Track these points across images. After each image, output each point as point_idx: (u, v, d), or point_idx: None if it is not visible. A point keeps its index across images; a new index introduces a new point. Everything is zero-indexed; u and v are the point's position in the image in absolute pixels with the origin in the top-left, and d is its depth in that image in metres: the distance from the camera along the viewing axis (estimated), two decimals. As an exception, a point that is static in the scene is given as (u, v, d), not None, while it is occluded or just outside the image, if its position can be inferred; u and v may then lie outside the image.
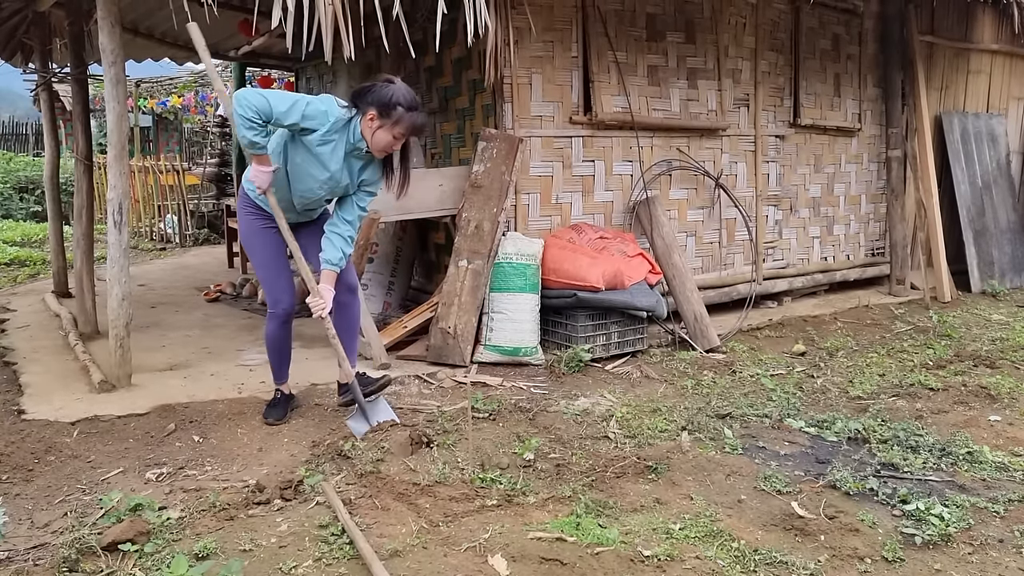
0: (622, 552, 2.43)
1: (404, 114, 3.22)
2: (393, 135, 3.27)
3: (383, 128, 3.25)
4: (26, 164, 15.43)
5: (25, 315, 6.15)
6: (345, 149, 3.34)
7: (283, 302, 3.57)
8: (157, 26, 7.16)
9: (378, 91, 3.24)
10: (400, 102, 3.21)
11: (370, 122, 3.25)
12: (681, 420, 3.72)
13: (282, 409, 3.74)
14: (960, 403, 4.06)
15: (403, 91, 3.25)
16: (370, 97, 3.24)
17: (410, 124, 3.25)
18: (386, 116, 3.22)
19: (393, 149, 3.37)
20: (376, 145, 3.30)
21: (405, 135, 3.30)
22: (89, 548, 2.43)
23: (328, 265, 3.41)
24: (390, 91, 3.23)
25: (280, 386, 3.80)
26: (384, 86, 3.25)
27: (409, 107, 3.23)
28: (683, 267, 5.34)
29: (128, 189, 4.23)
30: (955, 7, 7.44)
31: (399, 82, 3.29)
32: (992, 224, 7.69)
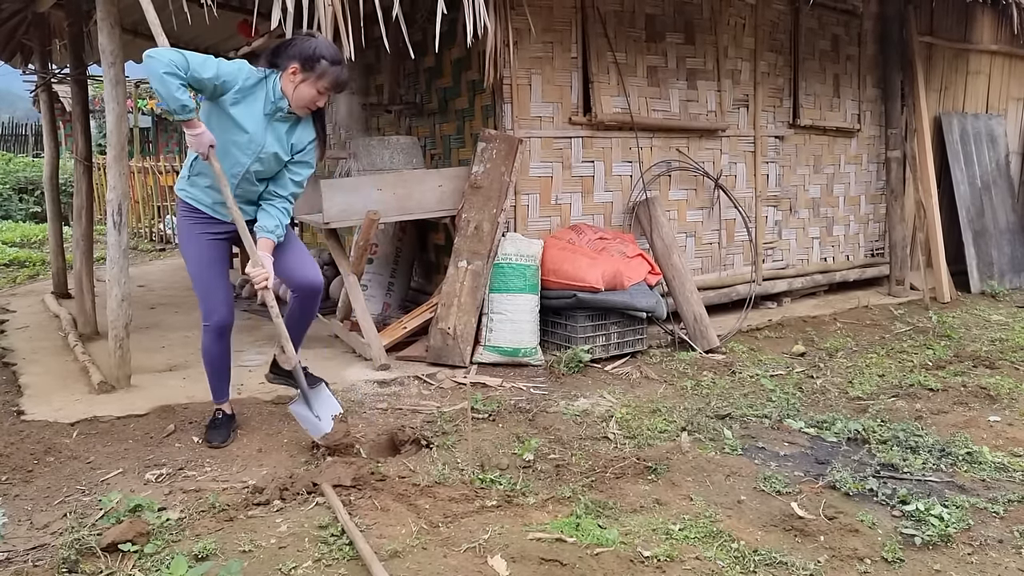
0: (622, 553, 2.43)
1: (328, 67, 3.08)
2: (317, 89, 3.12)
3: (306, 82, 3.10)
4: (25, 165, 15.43)
5: (24, 316, 6.15)
6: (265, 110, 3.16)
7: (217, 313, 3.31)
8: (157, 27, 7.15)
9: (300, 44, 3.11)
10: (324, 55, 3.08)
11: (292, 76, 3.10)
12: (681, 421, 3.73)
13: (225, 430, 3.46)
14: (960, 404, 4.06)
15: (326, 44, 3.13)
16: (291, 51, 3.10)
17: (334, 78, 3.11)
18: (309, 69, 3.08)
19: (317, 106, 3.21)
20: (298, 101, 3.14)
21: (329, 89, 3.15)
22: (89, 549, 2.43)
23: (264, 232, 3.22)
24: (312, 44, 3.10)
25: (220, 405, 3.53)
26: (306, 39, 3.13)
27: (333, 60, 3.10)
28: (683, 268, 5.34)
29: (127, 190, 4.23)
30: (954, 8, 7.44)
31: (321, 36, 3.18)
32: (991, 225, 7.70)
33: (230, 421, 3.53)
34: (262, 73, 3.15)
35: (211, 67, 3.02)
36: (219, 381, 3.50)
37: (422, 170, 5.32)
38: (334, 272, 6.51)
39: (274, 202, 3.29)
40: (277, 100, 3.15)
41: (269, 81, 3.15)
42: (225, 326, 3.35)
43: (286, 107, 3.17)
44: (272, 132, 3.21)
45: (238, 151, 3.18)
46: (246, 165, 3.22)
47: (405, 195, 4.92)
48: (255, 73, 3.14)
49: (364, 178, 5.01)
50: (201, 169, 3.25)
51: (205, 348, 3.41)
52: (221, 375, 3.49)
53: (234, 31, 7.04)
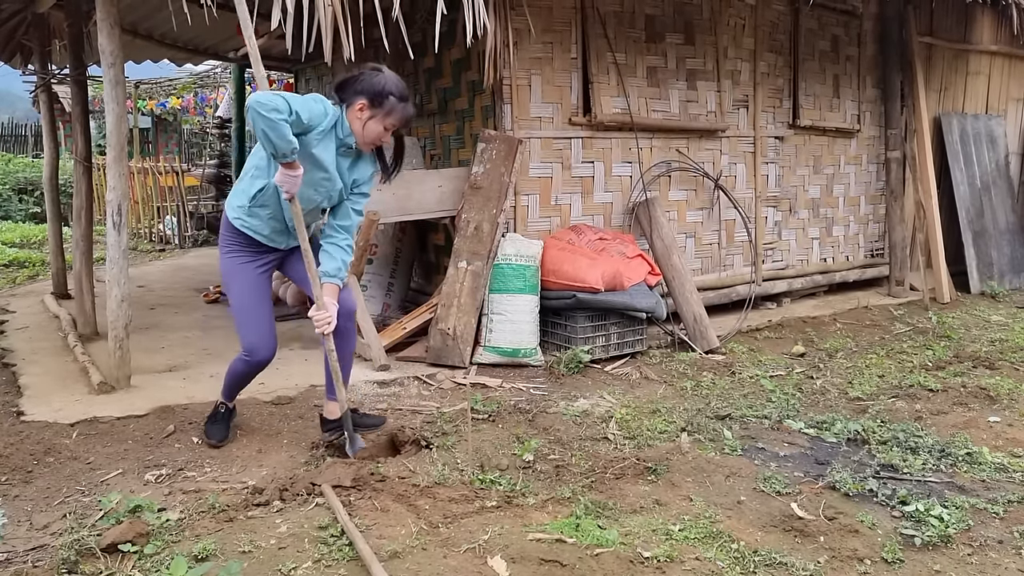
0: (622, 553, 2.43)
1: (396, 104, 3.03)
2: (384, 126, 3.06)
3: (374, 119, 3.04)
4: (25, 165, 15.42)
5: (24, 316, 6.15)
6: (335, 146, 3.11)
7: (260, 352, 3.23)
8: (156, 27, 7.16)
9: (368, 79, 3.04)
10: (392, 91, 3.02)
11: (359, 113, 3.04)
12: (681, 421, 3.73)
13: (224, 426, 3.45)
14: (959, 404, 4.06)
15: (394, 80, 3.06)
16: (359, 86, 3.04)
17: (402, 115, 3.06)
18: (378, 106, 3.02)
19: (383, 142, 3.16)
20: (367, 137, 3.09)
21: (396, 126, 3.09)
22: (88, 549, 2.43)
23: (328, 278, 3.14)
24: (381, 80, 3.04)
25: (224, 401, 3.50)
26: (374, 74, 3.05)
27: (401, 97, 3.05)
28: (682, 268, 5.34)
29: (127, 190, 4.23)
30: (954, 8, 7.44)
31: (387, 70, 3.10)
32: (991, 225, 7.70)
33: (230, 417, 3.52)
34: (335, 110, 3.08)
35: (307, 109, 2.94)
36: (233, 391, 3.49)
37: (422, 171, 5.32)
38: (334, 272, 6.50)
39: (336, 239, 3.20)
40: (345, 137, 3.09)
41: (339, 118, 3.08)
42: (266, 364, 3.29)
43: (353, 143, 3.11)
44: (340, 167, 3.16)
45: (313, 189, 3.11)
46: (318, 202, 3.18)
47: (405, 195, 4.92)
48: (332, 110, 3.07)
49: (364, 179, 5.00)
50: (265, 202, 3.15)
51: (235, 372, 3.36)
52: (237, 388, 3.49)
53: (234, 32, 7.04)
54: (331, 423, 3.38)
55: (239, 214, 3.20)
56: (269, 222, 3.20)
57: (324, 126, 3.03)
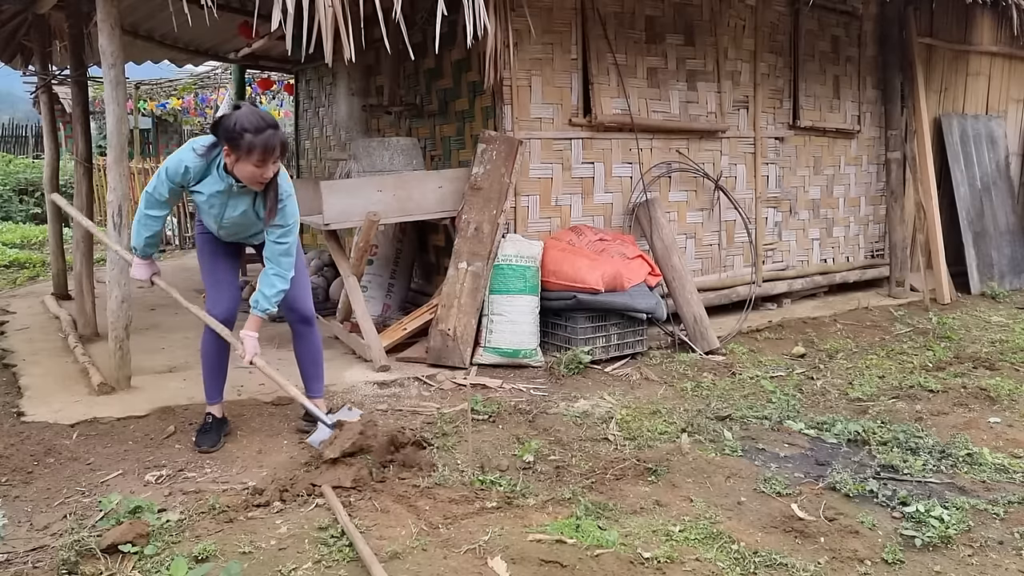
0: (622, 554, 2.43)
1: (253, 139, 2.93)
2: (253, 164, 2.99)
3: (240, 161, 3.00)
4: (26, 166, 15.42)
5: (25, 317, 6.15)
6: (219, 187, 3.17)
7: (220, 305, 3.37)
8: (157, 28, 7.17)
9: (224, 123, 3.00)
10: (245, 127, 2.93)
11: (228, 157, 3.05)
12: (681, 422, 3.72)
13: (215, 435, 3.41)
14: (960, 405, 4.06)
15: (245, 115, 2.97)
16: (220, 132, 3.03)
17: (263, 147, 2.95)
18: (237, 148, 2.97)
19: (265, 179, 3.06)
20: (246, 180, 3.07)
21: (265, 161, 2.99)
22: (88, 550, 2.43)
23: (253, 308, 3.26)
24: (232, 119, 2.97)
25: (211, 408, 3.50)
26: (227, 116, 3.01)
27: (256, 129, 2.94)
28: (682, 269, 5.34)
29: (128, 191, 4.23)
30: (954, 9, 7.44)
31: (244, 106, 3.07)
32: (991, 226, 7.69)
33: (221, 426, 3.49)
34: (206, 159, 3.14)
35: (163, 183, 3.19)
36: (213, 380, 3.49)
37: (422, 171, 5.33)
38: (334, 273, 6.51)
39: (266, 270, 3.28)
40: (224, 179, 3.15)
41: (216, 161, 3.15)
42: (226, 320, 3.36)
43: (235, 185, 3.14)
44: (233, 204, 3.24)
45: (210, 219, 3.33)
46: (245, 231, 3.38)
47: (405, 196, 4.92)
48: (198, 161, 3.14)
49: (364, 179, 5.01)
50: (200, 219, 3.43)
51: (204, 341, 3.44)
52: (216, 373, 3.49)
53: (235, 32, 7.05)
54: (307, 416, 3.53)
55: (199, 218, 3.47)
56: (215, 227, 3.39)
57: (193, 178, 3.17)
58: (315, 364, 3.60)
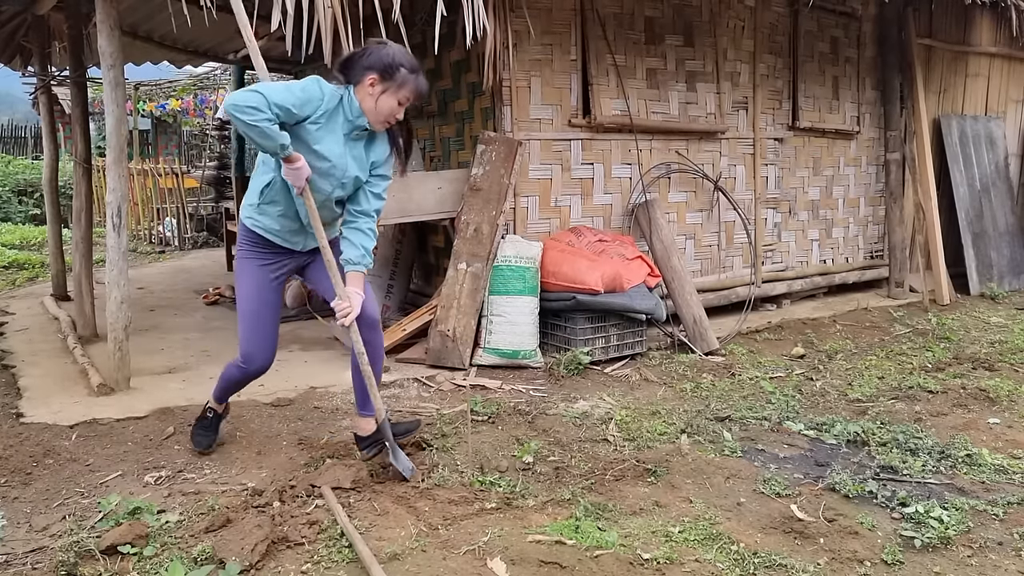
0: (621, 555, 2.43)
1: (408, 76, 2.86)
2: (398, 100, 2.88)
3: (387, 93, 2.86)
4: (25, 167, 15.42)
5: (24, 318, 6.15)
6: (344, 130, 2.92)
7: (256, 361, 3.10)
8: (156, 29, 7.16)
9: (375, 53, 2.86)
10: (403, 63, 2.86)
11: (370, 88, 2.86)
12: (680, 423, 3.72)
13: (212, 434, 3.35)
14: (959, 406, 4.06)
15: (403, 52, 2.90)
16: (367, 61, 2.86)
17: (415, 87, 2.89)
18: (389, 79, 2.84)
19: (397, 119, 2.95)
20: (380, 115, 2.90)
21: (411, 99, 2.91)
22: (88, 551, 2.43)
23: (351, 266, 2.96)
24: (390, 52, 2.87)
25: (215, 405, 3.36)
26: (381, 47, 2.89)
27: (412, 68, 2.88)
28: (682, 270, 5.34)
29: (127, 192, 4.23)
30: (953, 10, 7.45)
31: (393, 44, 2.93)
32: (991, 227, 7.70)
33: (219, 420, 3.39)
34: (339, 91, 2.91)
35: (293, 99, 2.77)
36: (226, 393, 3.35)
37: (421, 172, 5.33)
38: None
39: (358, 223, 3.02)
40: (356, 118, 2.91)
41: (345, 98, 2.91)
42: (261, 372, 3.16)
43: (365, 124, 2.93)
44: (351, 153, 2.96)
45: (320, 179, 2.92)
46: (328, 193, 2.97)
47: (404, 197, 4.92)
48: (334, 92, 2.90)
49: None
50: (274, 197, 2.98)
51: (229, 376, 3.23)
52: (230, 392, 3.35)
53: (234, 33, 7.05)
54: (366, 440, 3.20)
55: (251, 213, 3.06)
56: (280, 220, 3.02)
57: (323, 110, 2.86)
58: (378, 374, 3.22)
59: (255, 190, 3.04)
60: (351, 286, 2.97)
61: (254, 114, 2.64)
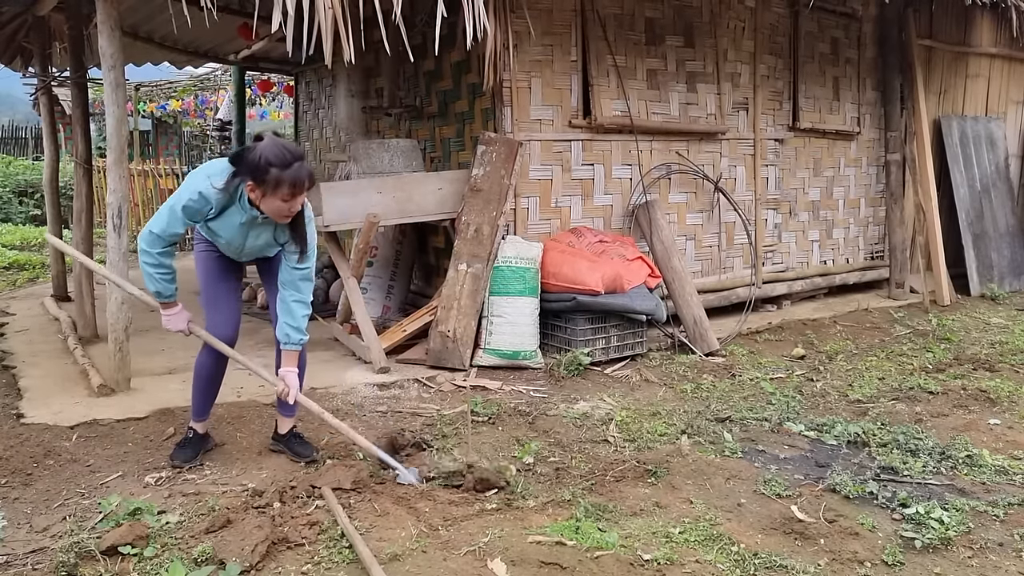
0: (621, 556, 2.43)
1: (280, 174, 2.79)
2: (280, 199, 2.85)
3: (266, 196, 2.86)
4: (25, 168, 15.41)
5: (24, 319, 6.15)
6: (242, 220, 3.02)
7: (220, 328, 3.19)
8: (157, 30, 7.17)
9: (247, 158, 2.83)
10: (271, 161, 2.78)
11: (251, 193, 2.90)
12: (681, 424, 3.72)
13: (191, 451, 3.27)
14: (959, 407, 4.06)
15: (270, 148, 2.81)
16: (242, 168, 2.86)
17: (291, 182, 2.81)
18: (263, 183, 2.82)
19: (293, 212, 2.93)
20: (271, 214, 2.93)
21: (292, 195, 2.85)
22: (88, 552, 2.43)
23: (282, 345, 3.15)
24: (256, 154, 2.80)
25: (195, 424, 3.32)
26: (250, 150, 2.84)
27: (283, 164, 2.79)
28: (682, 271, 5.34)
29: (127, 193, 4.23)
30: (954, 11, 7.45)
31: (267, 137, 2.88)
32: (991, 228, 7.70)
33: (201, 442, 3.33)
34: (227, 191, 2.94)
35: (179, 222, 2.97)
36: (203, 398, 3.32)
37: (422, 173, 5.33)
38: (334, 275, 6.51)
39: (283, 295, 3.13)
40: (249, 211, 2.99)
41: (238, 193, 2.97)
42: (229, 342, 3.21)
43: (260, 216, 2.99)
44: (254, 235, 3.10)
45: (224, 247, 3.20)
46: (239, 252, 3.21)
47: (405, 198, 4.92)
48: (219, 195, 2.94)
49: (364, 181, 5.01)
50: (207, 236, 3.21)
51: (200, 362, 3.27)
52: (207, 392, 3.32)
53: (235, 34, 7.06)
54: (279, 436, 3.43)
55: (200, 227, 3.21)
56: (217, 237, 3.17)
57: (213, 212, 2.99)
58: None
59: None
60: (286, 365, 3.18)
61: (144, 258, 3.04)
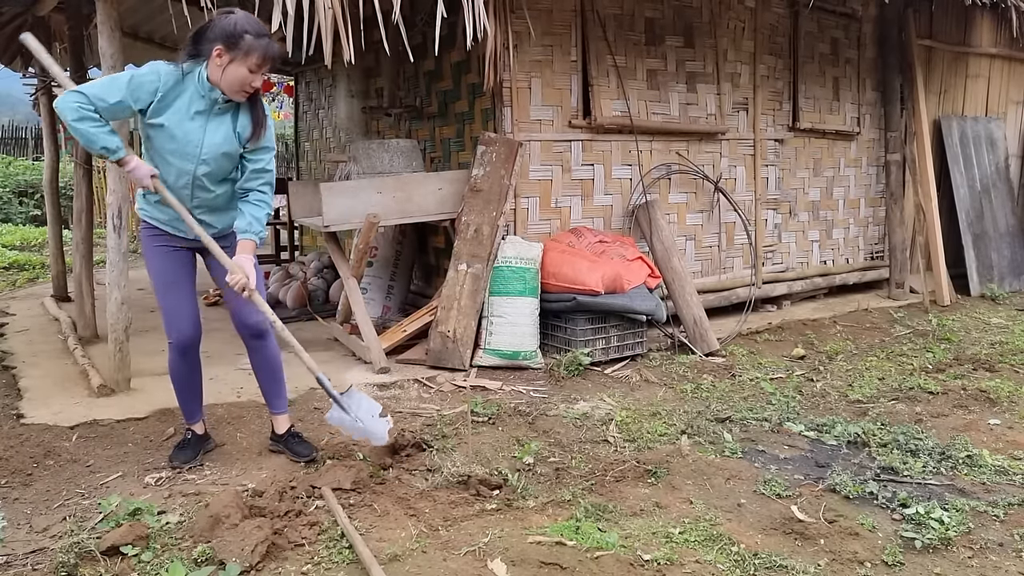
0: (622, 556, 2.43)
1: (254, 41, 2.79)
2: (247, 68, 2.81)
3: (234, 62, 2.80)
4: (25, 168, 15.41)
5: (24, 319, 6.15)
6: (197, 107, 2.88)
7: (181, 330, 3.10)
8: (157, 30, 7.17)
9: (219, 23, 2.81)
10: (247, 29, 2.79)
11: (218, 59, 2.80)
12: (681, 424, 3.72)
13: (191, 451, 3.24)
14: (959, 407, 4.06)
15: (247, 17, 2.84)
16: (211, 33, 2.81)
17: (263, 52, 2.80)
18: (234, 47, 2.78)
19: (253, 87, 2.89)
20: (231, 86, 2.84)
21: (260, 66, 2.83)
22: (88, 552, 2.43)
23: (240, 234, 2.98)
24: (232, 20, 2.81)
25: (192, 425, 3.31)
26: (223, 17, 2.83)
27: (257, 33, 2.80)
28: (682, 271, 5.34)
29: (127, 193, 4.23)
30: (953, 11, 7.45)
31: (239, 10, 2.87)
32: (991, 228, 7.70)
33: (200, 442, 3.32)
34: (182, 69, 2.87)
35: (118, 89, 2.78)
36: (189, 401, 3.28)
37: (422, 173, 5.33)
38: (334, 275, 6.51)
39: (248, 197, 3.04)
40: (208, 92, 2.88)
41: (194, 75, 2.87)
42: (189, 344, 3.14)
43: (220, 97, 2.89)
44: (212, 128, 2.93)
45: (177, 159, 2.93)
46: (191, 171, 2.96)
47: (405, 198, 4.92)
48: (172, 72, 2.86)
49: (364, 181, 5.01)
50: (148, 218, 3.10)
51: (171, 367, 3.19)
52: (191, 394, 3.28)
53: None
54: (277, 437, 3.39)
55: (140, 204, 3.10)
56: (163, 208, 3.03)
57: (160, 90, 2.83)
58: (275, 380, 3.33)
59: None
60: (240, 253, 2.97)
61: (77, 112, 2.72)
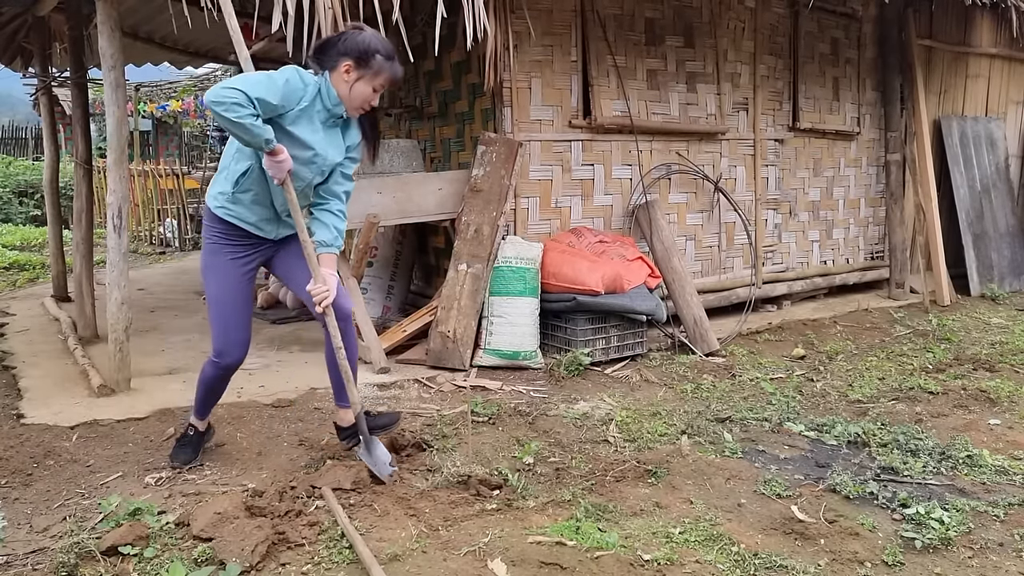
0: (622, 556, 2.43)
1: (384, 63, 2.86)
2: (373, 87, 2.89)
3: (362, 80, 2.86)
4: (26, 168, 15.43)
5: (24, 319, 6.15)
6: (320, 119, 2.92)
7: (230, 355, 3.04)
8: (157, 30, 7.17)
9: (351, 39, 2.85)
10: (379, 49, 2.86)
11: (345, 75, 2.86)
12: (681, 424, 3.72)
13: (192, 450, 3.22)
14: (960, 407, 4.06)
15: (378, 37, 2.89)
16: (342, 47, 2.85)
17: (390, 74, 2.90)
18: (364, 66, 2.84)
19: (372, 105, 2.97)
20: (354, 102, 2.91)
21: (385, 86, 2.93)
22: (88, 552, 2.43)
23: (324, 248, 2.96)
24: (365, 38, 2.86)
25: (196, 422, 3.25)
26: (356, 33, 2.88)
27: (388, 55, 2.88)
28: (682, 271, 5.34)
29: (127, 193, 4.23)
30: (954, 11, 7.45)
31: (370, 29, 2.92)
32: (991, 228, 7.70)
33: (201, 439, 3.29)
34: (316, 82, 2.90)
35: (276, 91, 2.77)
36: (209, 404, 3.25)
37: (422, 173, 5.33)
38: (334, 275, 6.50)
39: (328, 205, 3.05)
40: (334, 107, 2.92)
41: (323, 86, 2.91)
42: (235, 368, 3.10)
43: (342, 112, 2.94)
44: (331, 140, 2.98)
45: (302, 167, 2.91)
46: (308, 180, 2.97)
47: (405, 198, 4.93)
48: (314, 83, 2.90)
49: (364, 181, 5.01)
50: (250, 186, 2.94)
51: (206, 377, 3.13)
52: (213, 399, 3.25)
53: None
54: (346, 430, 3.23)
55: (221, 202, 2.99)
56: (255, 208, 2.98)
57: (303, 102, 2.86)
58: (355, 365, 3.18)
59: (229, 179, 2.97)
60: (325, 267, 2.95)
61: (238, 111, 2.63)
